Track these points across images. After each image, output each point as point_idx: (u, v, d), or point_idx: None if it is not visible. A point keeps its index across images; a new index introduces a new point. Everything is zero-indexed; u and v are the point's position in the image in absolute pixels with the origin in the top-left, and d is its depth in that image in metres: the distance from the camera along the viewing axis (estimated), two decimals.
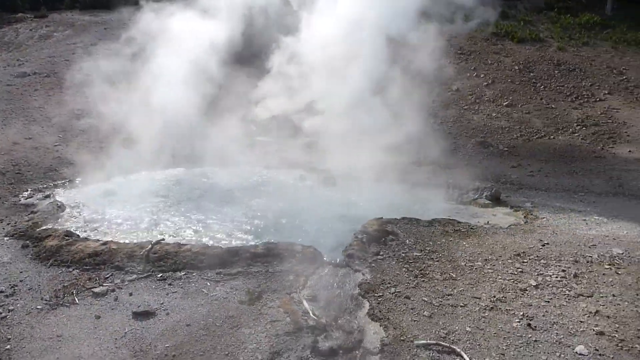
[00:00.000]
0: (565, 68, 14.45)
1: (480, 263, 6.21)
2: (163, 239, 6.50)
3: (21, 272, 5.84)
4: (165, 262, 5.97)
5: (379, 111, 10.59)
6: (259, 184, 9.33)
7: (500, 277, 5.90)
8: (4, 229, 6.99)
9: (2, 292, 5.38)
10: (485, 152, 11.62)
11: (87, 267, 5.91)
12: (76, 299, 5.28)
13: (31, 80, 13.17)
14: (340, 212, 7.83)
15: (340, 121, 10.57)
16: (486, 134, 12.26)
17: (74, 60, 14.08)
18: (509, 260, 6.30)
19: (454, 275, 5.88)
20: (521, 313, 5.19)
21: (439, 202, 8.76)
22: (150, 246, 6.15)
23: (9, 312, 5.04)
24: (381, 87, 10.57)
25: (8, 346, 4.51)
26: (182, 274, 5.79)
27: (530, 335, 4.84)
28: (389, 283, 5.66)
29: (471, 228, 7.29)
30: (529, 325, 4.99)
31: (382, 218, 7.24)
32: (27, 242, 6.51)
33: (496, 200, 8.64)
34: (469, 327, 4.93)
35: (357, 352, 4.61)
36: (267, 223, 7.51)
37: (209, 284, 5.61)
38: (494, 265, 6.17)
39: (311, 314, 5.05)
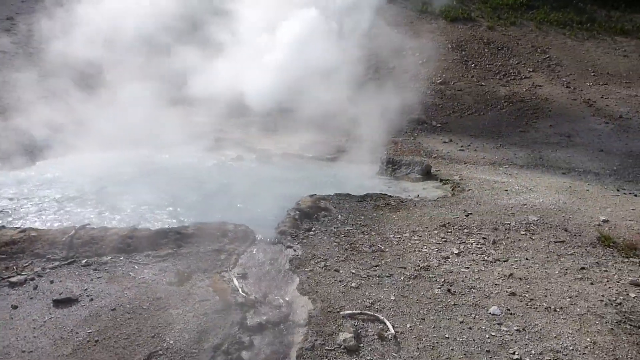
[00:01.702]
0: (495, 47, 15.06)
1: (407, 234, 6.47)
2: (88, 224, 6.27)
3: None
4: (90, 247, 5.77)
5: (315, 89, 10.65)
6: (193, 164, 9.12)
7: (425, 247, 6.18)
8: None
9: None
10: (420, 129, 12.00)
11: (3, 256, 5.59)
12: None
13: None
14: (276, 191, 7.86)
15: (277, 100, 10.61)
16: (420, 111, 12.63)
17: None
18: (435, 231, 6.61)
19: (383, 247, 6.09)
20: (442, 280, 5.48)
21: (373, 178, 9.01)
22: (73, 231, 5.92)
23: None
24: (316, 65, 10.59)
25: None
26: (109, 258, 5.63)
27: (449, 300, 5.14)
28: (320, 257, 5.79)
29: (401, 201, 7.56)
30: (448, 290, 5.29)
31: (315, 195, 7.34)
32: None
33: (427, 175, 8.98)
34: (393, 295, 5.15)
35: (284, 325, 4.71)
36: (200, 203, 7.42)
37: (136, 267, 5.50)
38: (420, 237, 6.45)
39: (240, 292, 5.09)
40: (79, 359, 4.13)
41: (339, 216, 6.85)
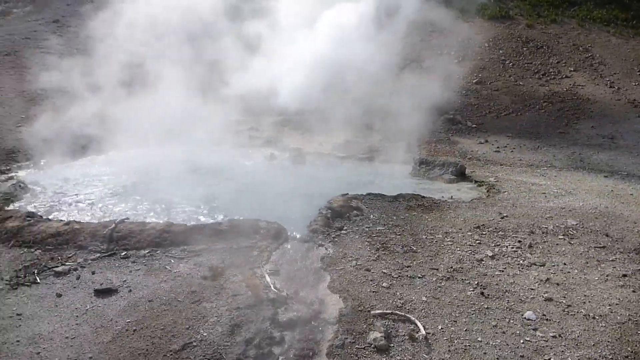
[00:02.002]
0: (534, 45, 14.67)
1: (440, 236, 6.41)
2: (127, 218, 6.50)
3: None
4: (128, 240, 5.99)
5: (349, 88, 10.68)
6: (226, 162, 9.28)
7: (458, 248, 6.11)
8: None
9: None
10: (454, 129, 11.83)
11: (49, 247, 5.89)
12: (37, 279, 5.28)
13: None
14: (308, 190, 7.92)
15: (312, 100, 10.66)
16: (455, 111, 12.45)
17: (34, 38, 13.65)
18: (469, 233, 6.52)
19: (415, 248, 6.06)
20: (476, 282, 5.41)
21: (406, 178, 8.95)
22: (113, 225, 6.16)
23: None
24: (350, 64, 10.61)
25: None
26: (146, 252, 5.83)
27: (482, 303, 5.07)
28: (351, 256, 5.82)
29: (434, 202, 7.48)
30: (482, 293, 5.21)
31: (347, 194, 7.36)
32: None
33: (461, 176, 8.85)
34: (425, 296, 5.12)
35: (315, 322, 4.76)
36: (235, 201, 7.56)
37: (172, 261, 5.67)
38: (453, 238, 6.37)
39: (272, 288, 5.17)
40: (118, 347, 4.31)
41: (371, 216, 6.85)
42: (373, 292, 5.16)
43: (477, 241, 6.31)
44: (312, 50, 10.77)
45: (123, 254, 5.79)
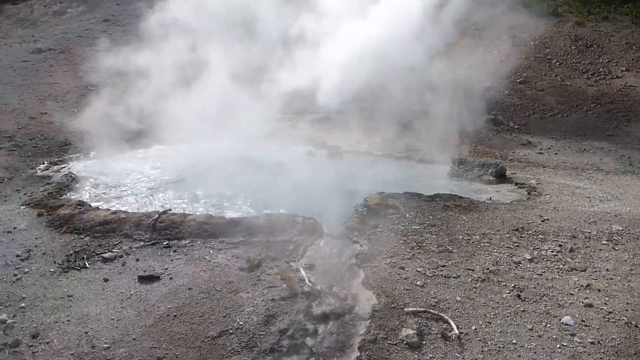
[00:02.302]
0: (583, 44, 14.16)
1: (477, 237, 6.35)
2: (169, 209, 6.80)
3: (36, 238, 6.20)
4: (170, 231, 6.27)
5: (388, 87, 10.65)
6: (265, 158, 9.50)
7: (495, 250, 6.04)
8: (21, 198, 7.37)
9: (18, 256, 5.75)
10: (496, 130, 11.61)
11: (98, 235, 6.25)
12: (86, 263, 5.62)
13: (46, 56, 13.51)
14: (344, 187, 8.00)
15: (351, 98, 10.71)
16: (498, 111, 12.21)
17: (86, 36, 14.36)
18: (507, 235, 6.43)
19: (450, 248, 6.04)
20: (512, 285, 5.34)
21: (444, 178, 8.89)
22: (157, 215, 6.45)
23: (24, 274, 5.40)
24: (390, 62, 10.59)
25: (22, 304, 4.87)
26: (187, 242, 6.09)
27: (518, 306, 5.01)
28: (385, 254, 5.86)
29: (472, 203, 7.40)
30: (518, 296, 5.15)
31: (383, 192, 7.40)
32: (42, 210, 6.86)
33: (501, 177, 8.71)
34: (459, 296, 5.11)
35: (348, 317, 4.85)
36: (273, 196, 7.76)
37: (211, 251, 5.90)
38: (490, 239, 6.30)
39: (307, 281, 5.30)
40: (159, 330, 4.54)
41: (407, 215, 6.86)
42: (407, 289, 5.19)
43: (516, 244, 6.22)
44: (353, 48, 10.81)
45: (165, 243, 6.06)
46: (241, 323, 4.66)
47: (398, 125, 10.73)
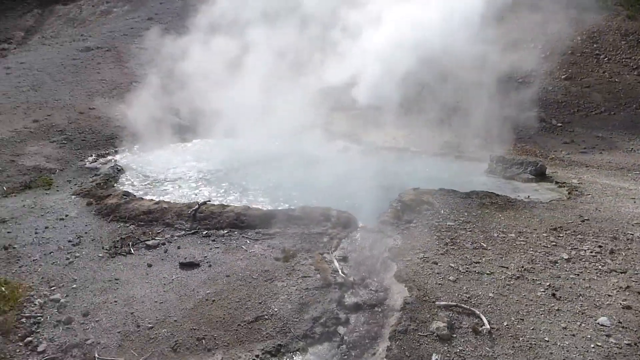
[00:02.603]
0: (634, 39, 13.64)
1: (513, 235, 6.34)
2: (209, 200, 7.11)
3: (86, 225, 6.65)
4: (210, 221, 6.58)
5: (427, 82, 10.67)
6: (302, 153, 9.72)
7: (531, 249, 6.02)
8: (71, 188, 7.89)
9: (70, 241, 6.20)
10: (538, 127, 11.41)
11: (142, 223, 6.63)
12: (132, 250, 6.00)
13: (94, 54, 14.24)
14: (379, 182, 8.08)
15: (388, 94, 10.77)
16: (540, 108, 11.98)
17: (131, 35, 15.02)
18: (544, 234, 6.38)
19: (485, 245, 6.06)
20: (547, 284, 5.33)
21: (481, 176, 8.86)
22: (197, 206, 6.78)
23: (75, 258, 5.82)
24: (429, 57, 10.58)
25: (74, 285, 5.27)
26: (225, 232, 6.38)
27: (553, 304, 5.01)
28: (419, 249, 5.95)
29: (509, 201, 7.37)
30: (553, 295, 5.14)
31: (418, 188, 7.46)
32: (91, 200, 7.34)
33: (541, 176, 8.59)
34: (492, 293, 5.15)
35: (379, 308, 4.99)
36: (308, 189, 7.97)
37: (248, 241, 6.17)
38: (527, 238, 6.28)
39: (340, 272, 5.47)
40: (198, 314, 4.83)
41: (442, 211, 6.91)
42: (439, 284, 5.27)
43: (553, 243, 6.18)
44: (391, 44, 10.85)
45: (204, 232, 6.38)
46: (276, 310, 4.88)
47: (436, 120, 10.75)
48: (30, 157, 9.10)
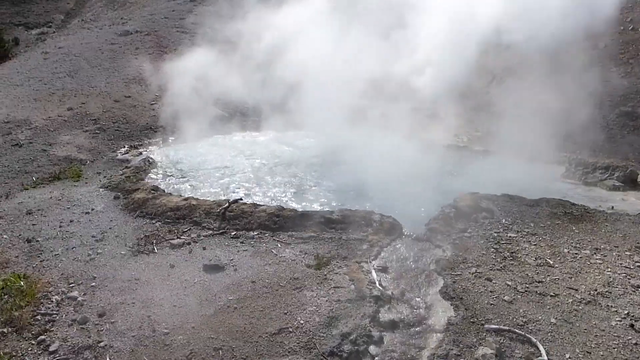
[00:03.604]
0: None
1: (588, 251, 6.06)
2: (240, 199, 7.28)
3: (111, 220, 7.01)
4: (240, 221, 6.75)
5: (496, 75, 10.38)
6: (349, 149, 9.75)
7: (609, 269, 5.72)
8: (100, 181, 8.35)
9: (93, 237, 6.56)
10: (631, 125, 10.72)
11: (168, 220, 6.90)
12: (155, 248, 6.26)
13: (133, 38, 14.95)
14: (433, 184, 8.03)
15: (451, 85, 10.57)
16: (636, 103, 11.25)
17: (172, 18, 15.63)
18: (627, 252, 6.05)
19: (551, 262, 5.83)
20: (625, 312, 5.04)
21: (556, 181, 8.55)
22: (227, 204, 6.96)
23: (97, 254, 6.16)
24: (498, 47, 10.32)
25: (93, 283, 5.58)
26: (255, 233, 6.52)
27: (630, 338, 4.73)
28: (471, 262, 5.82)
29: (587, 212, 7.03)
30: (631, 326, 4.85)
31: (477, 193, 7.30)
32: (119, 194, 7.73)
33: (630, 183, 8.15)
34: (555, 318, 4.94)
35: (419, 327, 4.91)
36: (352, 189, 8.06)
37: (279, 245, 6.27)
38: (605, 256, 5.97)
39: (377, 284, 5.44)
40: (218, 321, 4.97)
41: (503, 220, 6.72)
42: (491, 304, 5.13)
43: (638, 263, 5.83)
44: (456, 30, 10.65)
45: (233, 233, 6.55)
46: (302, 322, 4.93)
47: (507, 117, 10.37)
48: (62, 146, 9.71)
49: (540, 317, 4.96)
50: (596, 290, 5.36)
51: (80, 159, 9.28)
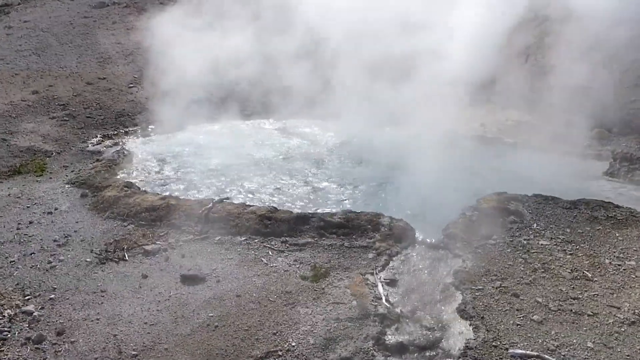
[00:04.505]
0: None
1: (633, 262, 5.93)
2: (227, 198, 7.21)
3: (77, 222, 6.95)
4: (225, 224, 6.66)
5: (529, 56, 10.23)
6: (358, 140, 9.79)
7: None
8: (67, 176, 8.29)
9: (55, 241, 6.49)
10: None
11: (143, 222, 6.83)
12: (126, 255, 6.18)
13: (109, 11, 14.92)
14: (453, 182, 7.92)
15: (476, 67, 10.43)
16: None
17: None
18: None
19: (590, 275, 5.71)
20: None
21: (597, 179, 8.38)
22: (211, 204, 6.88)
23: (58, 262, 6.08)
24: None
25: (52, 296, 5.50)
26: (243, 239, 6.44)
27: None
28: (495, 275, 5.72)
29: (633, 215, 6.88)
30: None
31: (505, 193, 7.18)
32: (87, 191, 7.67)
33: None
34: (593, 342, 4.82)
35: (431, 352, 4.81)
36: (356, 188, 8.04)
37: (270, 253, 6.18)
38: None
39: (384, 300, 5.35)
40: (196, 342, 4.87)
41: (534, 225, 6.60)
42: (517, 325, 5.02)
43: None
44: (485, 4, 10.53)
45: (217, 238, 6.47)
46: (293, 344, 4.83)
47: (541, 103, 10.23)
48: (25, 135, 9.65)
49: (575, 341, 4.85)
50: None
51: (45, 150, 9.21)
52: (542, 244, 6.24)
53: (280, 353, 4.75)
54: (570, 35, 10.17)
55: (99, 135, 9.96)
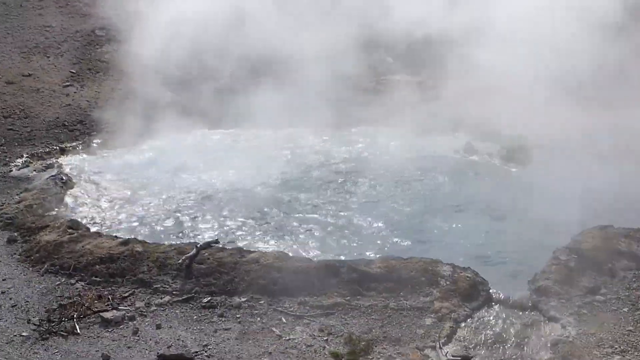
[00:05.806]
0: None
1: None
2: (216, 241, 7.00)
3: (4, 279, 6.69)
4: (217, 278, 6.43)
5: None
6: (398, 155, 9.71)
7: None
8: None
9: None
10: None
11: (97, 279, 6.59)
12: (77, 327, 5.90)
13: None
14: (531, 213, 7.88)
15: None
16: None
17: None
18: None
19: None
20: None
21: None
22: (194, 251, 6.65)
23: None
24: None
25: None
26: (243, 299, 6.22)
27: None
28: (610, 345, 5.55)
29: None
30: None
31: (610, 227, 7.10)
32: (15, 234, 7.45)
33: None
34: None
35: None
36: (400, 219, 7.98)
37: (284, 320, 5.96)
38: None
39: None
40: None
41: None
42: None
43: None
44: None
45: (206, 300, 6.23)
46: None
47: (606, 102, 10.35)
48: None
49: None
50: None
51: None
52: None
53: None
54: None
55: (25, 155, 9.75)
